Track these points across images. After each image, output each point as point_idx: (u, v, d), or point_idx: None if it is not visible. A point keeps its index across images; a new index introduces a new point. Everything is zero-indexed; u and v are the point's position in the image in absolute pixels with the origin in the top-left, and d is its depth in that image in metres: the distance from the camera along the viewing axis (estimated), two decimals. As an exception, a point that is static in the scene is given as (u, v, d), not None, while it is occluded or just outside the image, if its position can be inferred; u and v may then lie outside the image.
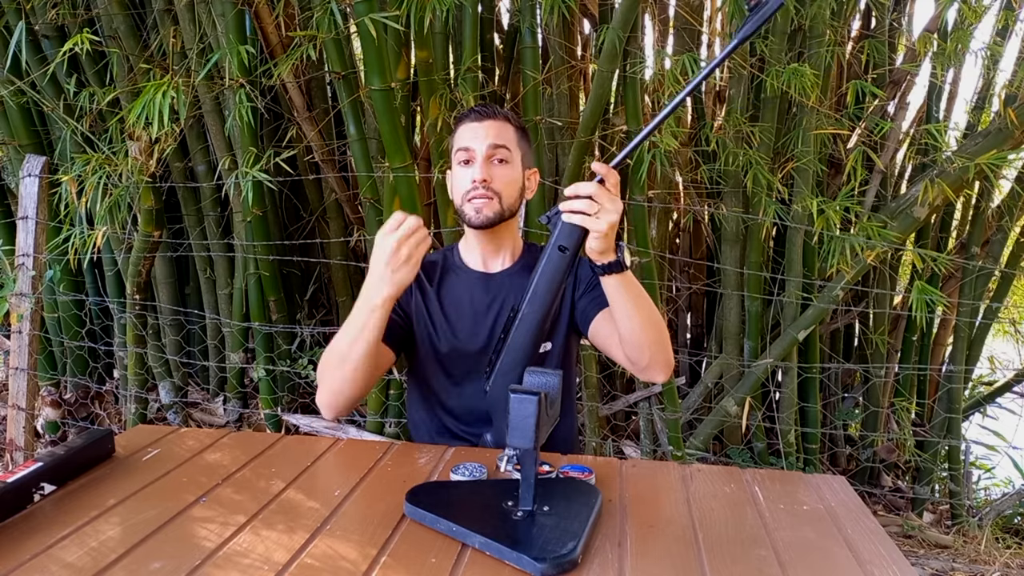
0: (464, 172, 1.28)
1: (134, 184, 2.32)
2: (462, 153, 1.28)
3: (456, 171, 1.30)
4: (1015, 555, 2.31)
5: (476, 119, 1.28)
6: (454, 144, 1.31)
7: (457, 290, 1.34)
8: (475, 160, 1.26)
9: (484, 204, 1.25)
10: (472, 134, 1.27)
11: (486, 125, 1.27)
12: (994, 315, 2.68)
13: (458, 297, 1.33)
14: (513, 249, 1.36)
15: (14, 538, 0.84)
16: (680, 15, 2.40)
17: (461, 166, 1.28)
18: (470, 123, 1.29)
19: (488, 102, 1.29)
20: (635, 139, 1.07)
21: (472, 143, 1.26)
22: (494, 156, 1.26)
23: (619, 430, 2.70)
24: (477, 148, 1.26)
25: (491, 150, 1.26)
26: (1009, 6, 2.29)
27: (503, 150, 1.27)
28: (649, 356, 1.16)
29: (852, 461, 2.72)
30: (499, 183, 1.26)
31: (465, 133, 1.29)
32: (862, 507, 1.02)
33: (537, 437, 0.85)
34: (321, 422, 2.61)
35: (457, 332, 1.31)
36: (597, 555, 0.84)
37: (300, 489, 1.01)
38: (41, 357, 2.71)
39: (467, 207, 1.27)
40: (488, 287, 1.33)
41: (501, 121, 1.29)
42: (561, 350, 1.34)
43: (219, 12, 2.16)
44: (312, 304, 2.93)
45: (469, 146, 1.26)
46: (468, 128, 1.28)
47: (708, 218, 2.69)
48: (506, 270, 1.34)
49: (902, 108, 2.54)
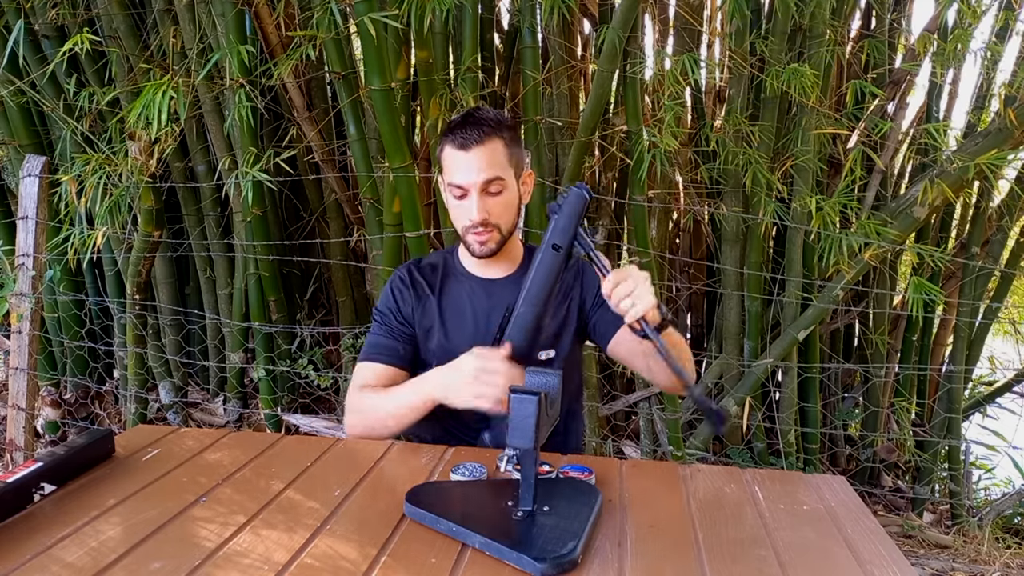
0: (460, 206, 1.24)
1: (134, 184, 2.32)
2: (453, 188, 1.23)
3: (451, 201, 1.26)
4: (1015, 555, 2.31)
5: (461, 147, 1.21)
6: (443, 167, 1.25)
7: (458, 296, 1.33)
8: (470, 195, 1.22)
9: (487, 239, 1.24)
10: (462, 168, 1.21)
11: (473, 156, 1.20)
12: (994, 315, 2.68)
13: (460, 303, 1.32)
14: (514, 254, 1.35)
15: (14, 538, 0.84)
16: (680, 15, 2.40)
17: (454, 198, 1.24)
18: (456, 151, 1.22)
19: (471, 117, 1.24)
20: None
21: (464, 179, 1.21)
22: (488, 189, 1.22)
23: (619, 430, 2.70)
24: (470, 184, 1.21)
25: (484, 185, 1.21)
26: (1009, 6, 2.29)
27: (496, 182, 1.22)
28: (677, 384, 1.22)
29: (852, 461, 2.72)
30: (496, 215, 1.23)
31: (454, 165, 1.22)
32: (862, 507, 1.02)
33: (537, 437, 0.85)
34: (321, 422, 2.61)
35: (458, 339, 1.30)
36: (597, 555, 0.84)
37: (300, 489, 1.01)
38: (41, 357, 2.71)
39: (469, 238, 1.25)
40: (490, 293, 1.32)
41: (489, 142, 1.21)
42: (566, 357, 1.33)
43: (219, 12, 2.16)
44: (312, 304, 2.93)
45: (461, 183, 1.21)
46: (456, 159, 1.22)
47: (708, 218, 2.69)
48: (508, 276, 1.34)
49: (902, 108, 2.54)
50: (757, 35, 2.24)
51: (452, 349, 1.30)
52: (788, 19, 2.15)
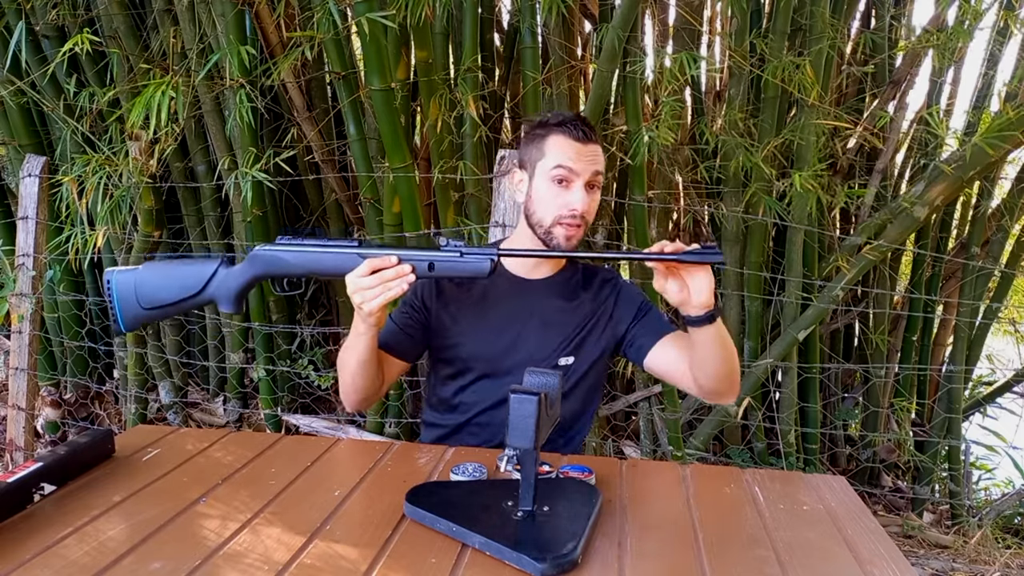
0: (559, 193, 1.23)
1: (134, 184, 2.32)
2: (562, 171, 1.22)
3: (547, 186, 1.24)
4: (1015, 555, 2.31)
5: (581, 140, 1.23)
6: (546, 154, 1.25)
7: (492, 287, 1.33)
8: (574, 184, 1.22)
9: (575, 233, 1.24)
10: (576, 154, 1.22)
11: (591, 149, 1.24)
12: (994, 315, 2.68)
13: (492, 294, 1.33)
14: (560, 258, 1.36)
15: (14, 538, 0.84)
16: (680, 15, 2.40)
17: (555, 183, 1.23)
18: (572, 141, 1.23)
19: (582, 118, 1.27)
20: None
21: (576, 164, 1.22)
22: (594, 183, 1.24)
23: (619, 430, 2.70)
24: (581, 172, 1.22)
25: (593, 177, 1.23)
26: (1009, 6, 2.30)
27: (600, 177, 1.25)
28: (728, 386, 1.21)
29: (852, 461, 2.72)
30: (590, 212, 1.25)
31: (567, 149, 1.23)
32: (862, 507, 1.02)
33: (537, 437, 0.85)
34: (321, 422, 2.61)
35: (484, 328, 1.32)
36: (597, 555, 0.84)
37: (300, 489, 1.01)
38: (41, 357, 2.71)
39: (557, 230, 1.23)
40: (523, 292, 1.33)
41: (597, 145, 1.25)
42: (587, 368, 1.34)
43: (219, 12, 2.16)
44: (312, 304, 2.93)
45: (573, 167, 1.22)
46: (570, 146, 1.23)
47: (708, 218, 2.69)
48: (545, 279, 1.34)
49: (902, 108, 2.54)
50: (757, 34, 2.24)
51: (478, 338, 1.31)
52: (788, 18, 2.15)
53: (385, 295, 1.08)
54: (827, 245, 2.47)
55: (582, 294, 1.35)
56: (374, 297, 1.08)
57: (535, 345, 1.31)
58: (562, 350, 1.31)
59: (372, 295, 1.08)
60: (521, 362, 1.28)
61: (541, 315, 1.31)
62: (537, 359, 1.29)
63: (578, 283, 1.36)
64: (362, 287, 1.08)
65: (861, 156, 2.58)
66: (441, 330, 1.33)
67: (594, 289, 1.36)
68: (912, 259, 2.64)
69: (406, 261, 1.09)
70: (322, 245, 1.14)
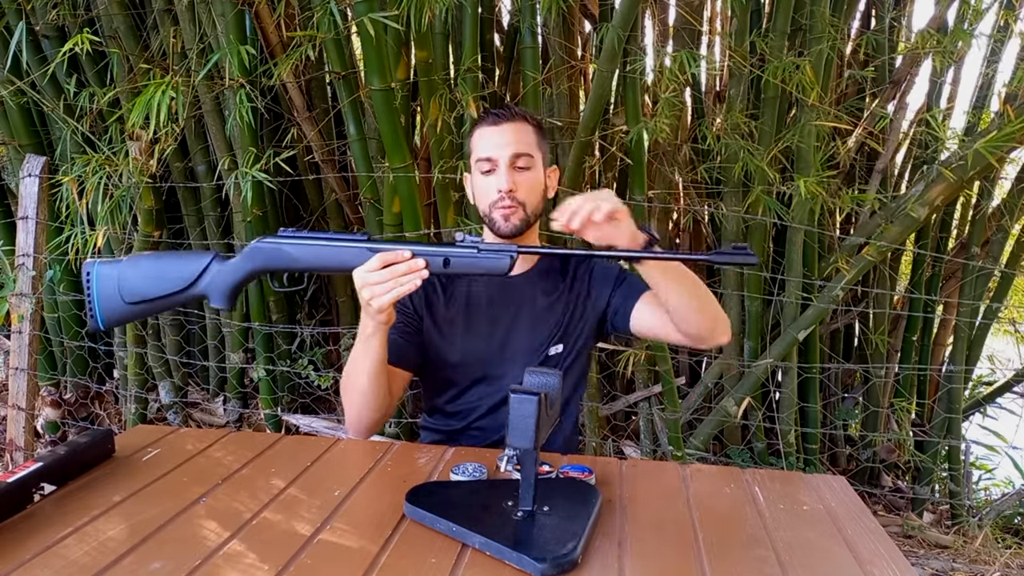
0: (487, 181, 1.25)
1: (134, 184, 2.32)
2: (484, 163, 1.25)
3: (478, 179, 1.28)
4: (1015, 555, 2.31)
5: (494, 123, 1.25)
6: (473, 149, 1.28)
7: (474, 291, 1.33)
8: (498, 169, 1.24)
9: (511, 212, 1.24)
10: (492, 141, 1.24)
11: (505, 130, 1.24)
12: (994, 315, 2.67)
13: (475, 298, 1.33)
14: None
15: (14, 538, 0.84)
16: (680, 15, 2.40)
17: (483, 175, 1.26)
18: (488, 128, 1.26)
19: (505, 103, 1.28)
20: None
21: (493, 152, 1.24)
22: (516, 163, 1.24)
23: (619, 430, 2.69)
24: (499, 157, 1.24)
25: (513, 159, 1.24)
26: (1009, 5, 2.29)
27: (525, 157, 1.25)
28: (709, 324, 1.18)
29: (852, 461, 2.72)
30: (523, 191, 1.25)
31: (485, 140, 1.26)
32: (862, 507, 1.02)
33: (537, 437, 0.85)
34: (321, 422, 2.61)
35: (472, 334, 1.31)
36: (597, 555, 0.84)
37: (300, 489, 1.01)
38: (41, 357, 2.71)
39: (495, 214, 1.25)
40: (505, 291, 1.33)
41: (520, 123, 1.26)
42: (574, 355, 1.34)
43: (219, 12, 2.16)
44: (312, 304, 2.93)
45: (491, 155, 1.24)
46: (487, 134, 1.25)
47: (708, 218, 2.69)
48: (524, 273, 1.34)
49: (902, 108, 2.54)
50: (757, 34, 2.24)
51: (467, 344, 1.31)
52: (788, 18, 2.15)
53: (397, 290, 1.04)
54: (827, 245, 2.47)
55: (561, 283, 1.35)
56: (384, 292, 1.04)
57: (525, 343, 1.31)
58: (551, 340, 1.31)
59: (382, 290, 1.04)
60: (513, 363, 1.29)
61: (526, 312, 1.32)
62: (528, 354, 1.30)
63: (556, 271, 1.36)
64: (371, 282, 1.05)
65: (861, 156, 2.58)
66: (431, 340, 1.32)
67: (571, 274, 1.36)
68: (912, 259, 2.63)
69: (420, 256, 1.05)
70: (328, 238, 1.09)
